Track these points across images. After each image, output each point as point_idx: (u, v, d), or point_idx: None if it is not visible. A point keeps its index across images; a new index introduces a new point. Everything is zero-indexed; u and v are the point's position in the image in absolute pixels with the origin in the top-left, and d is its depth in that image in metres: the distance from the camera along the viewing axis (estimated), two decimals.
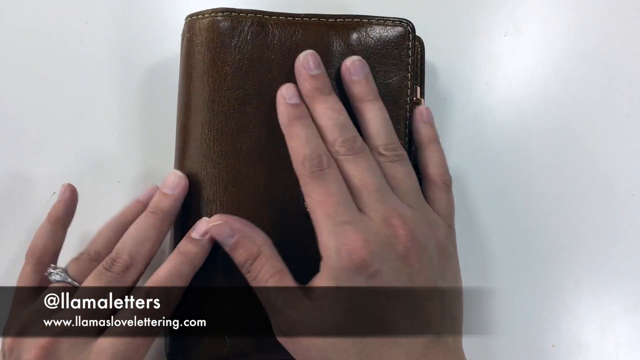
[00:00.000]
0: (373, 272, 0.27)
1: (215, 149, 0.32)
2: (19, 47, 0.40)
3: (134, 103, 0.40)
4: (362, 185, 0.29)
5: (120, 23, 0.40)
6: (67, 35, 0.40)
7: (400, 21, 0.33)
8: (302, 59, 0.31)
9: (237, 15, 0.32)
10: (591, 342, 0.38)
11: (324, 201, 0.28)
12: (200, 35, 0.32)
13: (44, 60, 0.40)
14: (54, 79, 0.40)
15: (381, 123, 0.32)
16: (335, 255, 0.27)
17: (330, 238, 0.27)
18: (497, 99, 0.40)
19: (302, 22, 0.33)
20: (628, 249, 0.38)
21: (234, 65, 0.32)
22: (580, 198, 0.39)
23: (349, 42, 0.33)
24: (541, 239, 0.39)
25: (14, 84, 0.40)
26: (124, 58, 0.40)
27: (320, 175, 0.29)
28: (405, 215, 0.29)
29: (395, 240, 0.28)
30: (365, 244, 0.27)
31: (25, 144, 0.39)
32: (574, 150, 0.39)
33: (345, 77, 0.32)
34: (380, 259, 0.27)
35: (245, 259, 0.29)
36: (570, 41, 0.40)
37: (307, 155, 0.29)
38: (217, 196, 0.32)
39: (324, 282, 0.28)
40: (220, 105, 0.32)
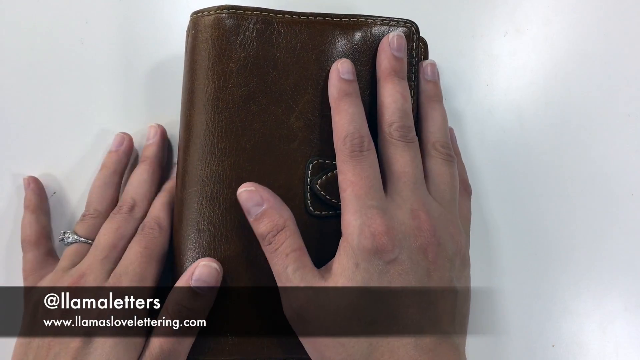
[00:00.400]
0: (392, 258, 0.27)
1: (220, 146, 0.32)
2: (19, 47, 0.40)
3: (134, 103, 0.39)
4: (401, 172, 0.30)
5: (120, 23, 0.40)
6: (67, 35, 0.40)
7: (405, 22, 0.34)
8: (390, 38, 0.32)
9: (243, 13, 0.32)
10: (591, 342, 0.38)
11: (356, 182, 0.29)
12: (205, 32, 0.32)
13: (44, 60, 0.40)
14: (54, 79, 0.39)
15: (443, 123, 0.34)
16: (358, 235, 0.27)
17: (356, 218, 0.28)
18: (497, 99, 0.40)
19: (308, 21, 0.33)
20: (628, 249, 0.38)
21: (239, 63, 0.32)
22: (580, 198, 0.39)
23: (354, 42, 0.33)
24: (541, 239, 0.39)
25: (14, 84, 0.39)
26: (124, 58, 0.40)
27: (359, 156, 0.29)
28: (433, 211, 0.29)
29: (418, 233, 0.28)
30: (389, 230, 0.27)
31: (25, 144, 0.39)
32: (574, 150, 0.39)
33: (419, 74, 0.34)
34: (400, 247, 0.28)
35: (269, 230, 0.29)
36: (570, 41, 0.40)
37: (350, 133, 0.30)
38: (221, 193, 0.32)
39: (342, 260, 0.28)
40: (225, 102, 0.32)
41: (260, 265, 0.31)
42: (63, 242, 0.34)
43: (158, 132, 0.37)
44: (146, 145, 0.37)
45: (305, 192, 0.32)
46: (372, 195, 0.28)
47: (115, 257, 0.32)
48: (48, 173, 0.38)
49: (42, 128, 0.39)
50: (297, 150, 0.32)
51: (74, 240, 0.34)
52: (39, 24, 0.40)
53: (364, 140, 0.30)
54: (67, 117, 0.39)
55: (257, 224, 0.29)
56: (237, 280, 0.31)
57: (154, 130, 0.37)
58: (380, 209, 0.28)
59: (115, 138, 0.38)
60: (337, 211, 0.31)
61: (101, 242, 0.33)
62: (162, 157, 0.37)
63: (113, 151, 0.37)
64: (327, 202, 0.32)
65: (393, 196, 0.29)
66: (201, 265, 0.30)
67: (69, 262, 0.33)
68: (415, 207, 0.29)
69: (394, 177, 0.30)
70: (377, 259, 0.27)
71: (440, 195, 0.31)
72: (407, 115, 0.31)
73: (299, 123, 0.32)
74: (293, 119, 0.32)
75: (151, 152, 0.37)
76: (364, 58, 0.33)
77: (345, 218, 0.28)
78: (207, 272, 0.30)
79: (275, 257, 0.29)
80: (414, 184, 0.30)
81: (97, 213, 0.35)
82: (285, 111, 0.32)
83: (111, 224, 0.33)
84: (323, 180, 0.32)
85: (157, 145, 0.37)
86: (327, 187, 0.32)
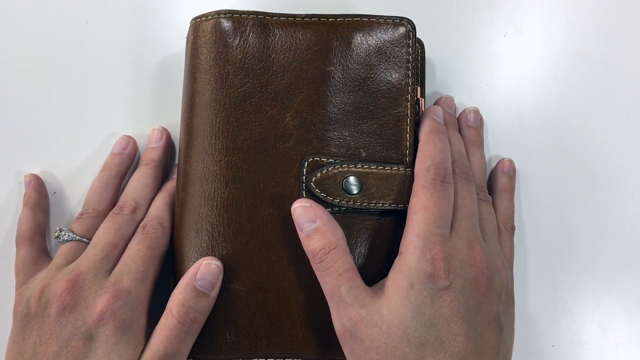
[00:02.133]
0: (446, 285, 0.28)
1: (217, 146, 0.32)
2: (19, 47, 0.40)
3: (134, 103, 0.40)
4: (462, 205, 0.31)
5: (120, 23, 0.40)
6: (67, 35, 0.40)
7: (401, 20, 0.34)
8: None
9: (239, 17, 0.33)
10: (591, 342, 0.38)
11: (429, 208, 0.29)
12: (203, 36, 0.33)
13: (44, 60, 0.40)
14: (54, 79, 0.40)
15: (481, 167, 0.36)
16: (419, 256, 0.28)
17: (419, 239, 0.29)
18: (497, 99, 0.40)
19: (303, 22, 0.33)
20: (628, 249, 0.38)
21: (236, 65, 0.33)
22: (580, 198, 0.39)
23: (350, 41, 0.33)
24: (541, 239, 0.39)
25: (14, 84, 0.40)
26: (124, 58, 0.40)
27: (440, 186, 0.30)
28: (484, 245, 0.31)
29: (473, 263, 0.29)
30: (448, 257, 0.28)
31: (25, 144, 0.39)
32: (574, 150, 0.39)
33: (461, 120, 0.38)
34: (455, 274, 0.28)
35: (321, 248, 0.29)
36: (570, 41, 0.40)
37: (436, 162, 0.31)
38: (218, 193, 0.32)
39: (397, 279, 0.28)
40: (222, 103, 0.32)
41: (258, 265, 0.32)
42: (59, 239, 0.34)
43: (164, 136, 0.37)
44: (151, 148, 0.37)
45: (301, 190, 0.32)
46: (439, 224, 0.29)
47: (114, 257, 0.32)
48: (47, 173, 0.38)
49: (42, 128, 0.39)
50: (292, 148, 0.32)
51: (70, 238, 0.34)
52: (39, 24, 0.40)
53: (447, 172, 0.31)
54: (67, 117, 0.39)
55: (308, 240, 0.30)
56: (235, 280, 0.31)
57: (159, 133, 0.37)
58: (443, 237, 0.29)
59: (119, 140, 0.37)
60: (332, 208, 0.32)
61: (102, 241, 0.32)
62: (167, 161, 0.37)
63: (116, 153, 0.37)
64: (323, 199, 0.32)
65: (453, 225, 0.30)
66: (204, 265, 0.30)
67: (63, 260, 0.33)
68: (472, 238, 0.30)
69: (455, 208, 0.31)
70: (432, 283, 0.28)
71: (483, 232, 0.32)
72: (465, 158, 0.35)
73: (295, 122, 0.33)
74: (288, 118, 0.33)
75: (156, 156, 0.36)
76: (358, 57, 0.33)
77: (408, 238, 0.29)
78: (210, 270, 0.30)
79: (327, 276, 0.29)
80: (472, 217, 0.31)
81: (96, 213, 0.35)
82: (281, 110, 0.33)
83: (112, 223, 0.33)
84: (318, 177, 0.32)
85: (162, 149, 0.37)
86: (322, 185, 0.32)
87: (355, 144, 0.33)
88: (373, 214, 0.33)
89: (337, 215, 0.32)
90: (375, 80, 0.33)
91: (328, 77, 0.33)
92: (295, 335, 0.32)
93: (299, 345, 0.32)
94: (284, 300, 0.32)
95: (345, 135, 0.33)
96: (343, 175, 0.32)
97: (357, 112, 0.33)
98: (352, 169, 0.32)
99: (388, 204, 0.32)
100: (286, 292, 0.32)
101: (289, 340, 0.32)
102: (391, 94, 0.33)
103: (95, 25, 0.40)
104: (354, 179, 0.32)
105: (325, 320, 0.30)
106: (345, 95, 0.33)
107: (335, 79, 0.33)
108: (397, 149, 0.33)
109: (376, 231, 0.32)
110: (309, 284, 0.32)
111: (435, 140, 0.32)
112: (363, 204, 0.32)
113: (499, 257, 0.32)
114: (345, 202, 0.32)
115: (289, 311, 0.32)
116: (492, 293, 0.30)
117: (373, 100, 0.33)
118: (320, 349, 0.32)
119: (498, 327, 0.30)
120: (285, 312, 0.32)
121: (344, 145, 0.33)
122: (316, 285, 0.30)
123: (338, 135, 0.33)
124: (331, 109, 0.33)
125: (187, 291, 0.30)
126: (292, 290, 0.32)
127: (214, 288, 0.30)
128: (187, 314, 0.30)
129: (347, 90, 0.33)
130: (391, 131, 0.33)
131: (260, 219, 0.32)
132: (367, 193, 0.32)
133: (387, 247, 0.32)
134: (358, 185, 0.32)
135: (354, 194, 0.32)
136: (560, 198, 0.39)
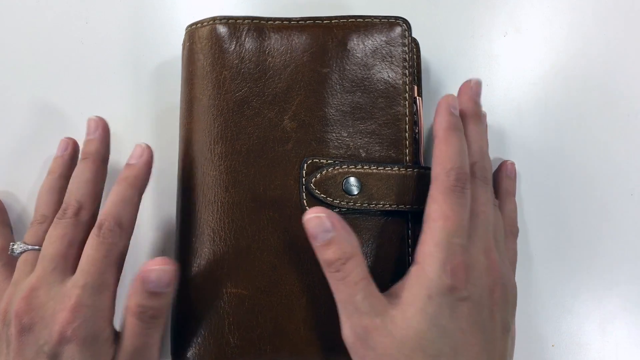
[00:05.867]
0: (465, 296, 0.27)
1: (216, 152, 0.32)
2: (19, 47, 0.40)
3: (134, 103, 0.40)
4: (480, 212, 0.30)
5: (121, 23, 0.40)
6: (67, 35, 0.40)
7: (396, 19, 0.34)
8: (472, 83, 0.34)
9: (235, 22, 0.33)
10: (591, 342, 0.38)
11: (450, 217, 0.28)
12: (199, 42, 0.33)
13: (44, 60, 0.40)
14: (54, 79, 0.40)
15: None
16: (439, 268, 0.27)
17: (439, 250, 0.28)
18: (497, 99, 0.40)
19: (299, 26, 0.34)
20: (628, 249, 0.38)
21: (232, 70, 0.33)
22: (580, 198, 0.39)
23: (346, 43, 0.33)
24: (540, 239, 0.39)
25: (14, 84, 0.40)
26: (124, 58, 0.40)
27: (460, 192, 0.29)
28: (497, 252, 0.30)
29: (489, 272, 0.29)
30: (468, 268, 0.28)
31: (25, 144, 0.39)
32: (574, 150, 0.39)
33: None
34: (473, 284, 0.28)
35: (338, 258, 0.28)
36: (570, 41, 0.40)
37: (457, 166, 0.29)
38: (219, 197, 0.32)
39: (414, 289, 0.28)
40: (220, 108, 0.32)
41: (260, 268, 0.32)
42: (13, 253, 0.32)
43: (99, 125, 0.35)
44: (87, 140, 0.35)
45: (301, 191, 0.32)
46: (459, 233, 0.28)
47: (66, 266, 0.30)
48: None
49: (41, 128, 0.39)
50: (291, 151, 0.32)
51: (23, 250, 0.32)
52: (39, 24, 0.40)
53: (467, 177, 0.30)
54: (67, 117, 0.39)
55: (324, 250, 0.28)
56: (237, 284, 0.31)
57: (94, 123, 0.35)
58: (463, 247, 0.28)
59: (59, 143, 0.36)
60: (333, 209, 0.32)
61: (49, 251, 0.30)
62: (105, 152, 0.35)
63: (58, 156, 0.36)
64: (323, 200, 0.32)
65: (470, 232, 0.29)
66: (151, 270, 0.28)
67: (22, 273, 0.31)
68: (488, 246, 0.30)
69: (472, 214, 0.30)
70: (451, 295, 0.27)
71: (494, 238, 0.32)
72: (487, 157, 0.33)
73: (293, 124, 0.33)
74: (287, 120, 0.33)
75: (94, 148, 0.34)
76: (355, 57, 0.33)
77: (426, 247, 0.28)
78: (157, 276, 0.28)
79: (343, 285, 0.28)
80: (489, 224, 0.30)
81: (44, 218, 0.33)
82: (279, 114, 0.33)
83: (56, 230, 0.31)
84: (318, 178, 0.32)
85: (99, 141, 0.34)
86: (322, 186, 0.32)
87: (354, 145, 0.33)
88: (374, 215, 0.33)
89: None
90: (372, 80, 0.33)
91: (325, 79, 0.33)
92: (298, 338, 0.31)
93: (303, 348, 0.31)
94: (287, 303, 0.31)
95: (344, 136, 0.33)
96: (343, 176, 0.32)
97: (355, 113, 0.33)
98: (352, 170, 0.32)
99: (389, 205, 0.32)
100: (289, 295, 0.31)
101: (293, 343, 0.31)
102: (389, 94, 0.33)
103: (95, 25, 0.40)
104: (354, 180, 0.32)
105: (328, 322, 0.30)
106: (343, 96, 0.33)
107: (332, 80, 0.33)
108: (396, 148, 0.33)
109: (378, 232, 0.32)
110: (311, 287, 0.32)
111: (453, 139, 0.30)
112: (364, 205, 0.32)
113: (507, 263, 0.32)
114: (346, 203, 0.32)
115: (292, 314, 0.31)
116: (503, 302, 0.29)
117: (371, 100, 0.33)
118: (324, 351, 0.32)
119: (507, 334, 0.30)
120: (288, 315, 0.31)
121: (343, 146, 0.33)
122: (318, 288, 0.30)
123: (337, 137, 0.33)
124: (329, 110, 0.33)
125: (139, 293, 0.29)
126: (294, 293, 0.31)
127: (169, 286, 0.29)
128: (144, 313, 0.29)
129: (345, 91, 0.33)
130: (390, 131, 0.33)
131: (261, 222, 0.32)
132: (367, 194, 0.32)
133: (389, 247, 0.32)
134: (358, 185, 0.32)
135: (354, 194, 0.32)
136: (560, 198, 0.39)
